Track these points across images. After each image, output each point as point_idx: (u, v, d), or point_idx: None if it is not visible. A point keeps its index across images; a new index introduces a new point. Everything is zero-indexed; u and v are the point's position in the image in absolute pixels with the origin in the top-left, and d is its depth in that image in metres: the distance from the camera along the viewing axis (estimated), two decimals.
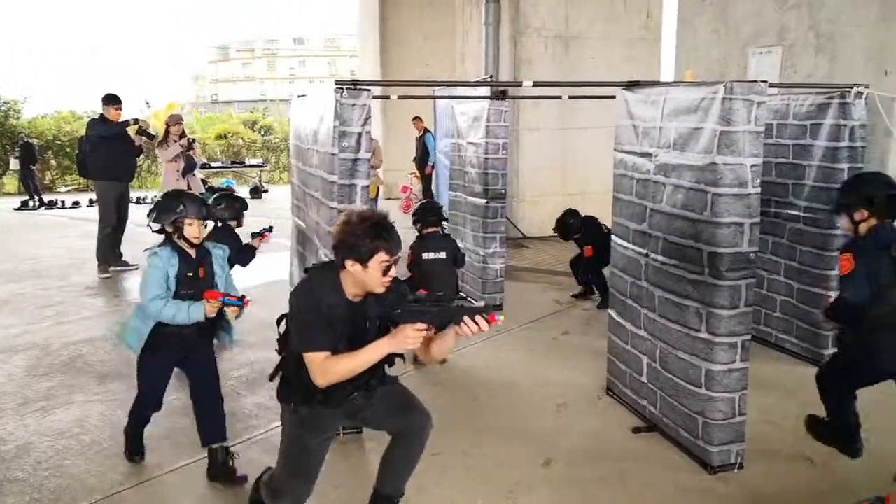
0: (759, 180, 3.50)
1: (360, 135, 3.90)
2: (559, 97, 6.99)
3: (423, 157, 12.59)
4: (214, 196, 5.92)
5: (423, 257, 5.51)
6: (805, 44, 5.45)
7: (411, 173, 13.38)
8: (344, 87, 3.85)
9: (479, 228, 6.74)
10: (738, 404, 3.69)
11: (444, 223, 5.80)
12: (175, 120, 9.04)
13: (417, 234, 5.68)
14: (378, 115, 13.41)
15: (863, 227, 3.52)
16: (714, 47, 6.31)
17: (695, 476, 3.73)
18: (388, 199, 14.29)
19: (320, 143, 4.25)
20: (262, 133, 24.50)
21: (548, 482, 3.71)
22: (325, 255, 4.32)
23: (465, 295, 6.88)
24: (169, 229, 3.65)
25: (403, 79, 10.93)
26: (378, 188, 9.41)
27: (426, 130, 12.33)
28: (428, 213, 5.67)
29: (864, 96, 4.81)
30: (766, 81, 3.44)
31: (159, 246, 3.67)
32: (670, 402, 3.99)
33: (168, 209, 3.64)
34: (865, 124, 4.87)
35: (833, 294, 5.05)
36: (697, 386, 3.74)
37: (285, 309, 2.88)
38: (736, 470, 3.73)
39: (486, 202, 6.55)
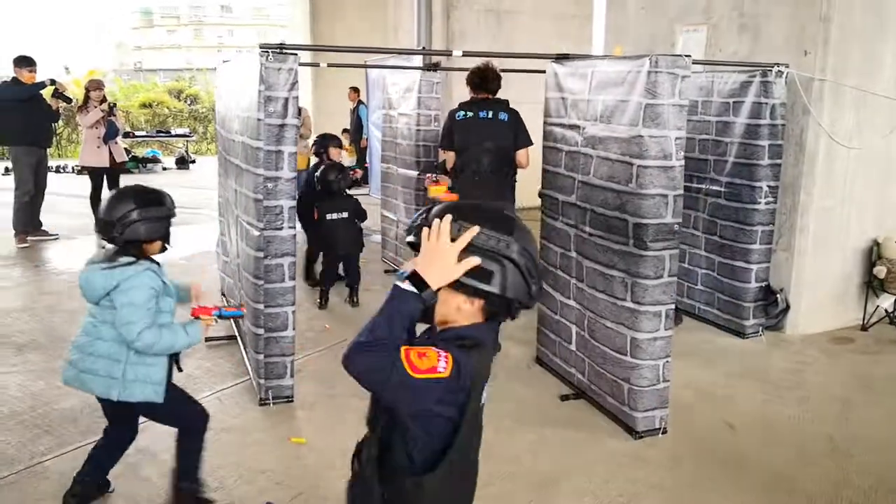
0: (682, 153, 3.58)
1: (286, 100, 3.80)
2: None
3: (357, 129, 12.42)
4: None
5: (327, 217, 5.90)
6: (729, 23, 5.58)
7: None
8: (269, 50, 3.73)
9: (412, 201, 6.71)
10: (662, 371, 3.81)
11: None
12: (95, 85, 8.64)
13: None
14: (309, 85, 13.12)
15: None
16: (642, 25, 6.40)
17: (620, 441, 3.84)
18: None
19: (244, 109, 4.12)
20: (189, 102, 23.70)
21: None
22: (244, 222, 4.22)
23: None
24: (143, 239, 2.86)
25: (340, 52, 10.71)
26: (309, 159, 9.22)
27: (360, 102, 12.14)
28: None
29: (784, 75, 4.97)
30: (689, 56, 3.51)
31: (129, 260, 2.82)
32: (597, 370, 4.09)
33: (163, 217, 2.92)
34: (785, 102, 5.05)
35: (754, 267, 5.26)
36: (623, 354, 3.83)
37: (211, 282, 2.70)
38: (660, 435, 3.85)
39: (418, 174, 6.52)
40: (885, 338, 5.43)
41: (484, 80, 5.04)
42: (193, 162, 17.11)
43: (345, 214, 5.94)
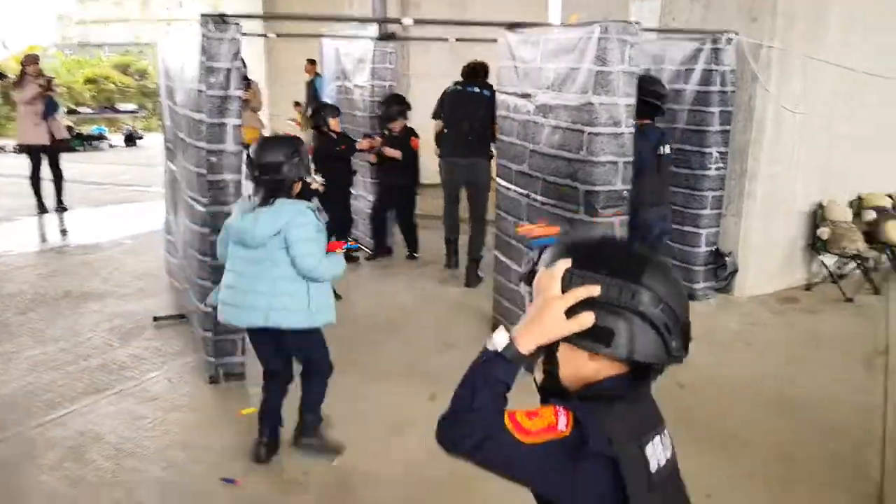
0: (632, 120, 3.59)
1: (228, 71, 3.69)
2: (446, 39, 6.90)
3: (314, 102, 12.16)
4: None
5: None
6: None
7: (291, 119, 12.92)
8: (210, 19, 3.61)
9: (368, 173, 6.63)
10: None
11: None
12: (31, 60, 8.33)
13: None
14: (262, 57, 12.80)
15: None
16: None
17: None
18: None
19: (187, 80, 4.00)
20: (137, 78, 22.99)
21: (432, 416, 3.75)
22: (188, 198, 4.11)
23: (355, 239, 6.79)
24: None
25: (289, 23, 10.40)
26: (260, 133, 9.04)
27: (317, 74, 11.89)
28: None
29: (733, 42, 5.01)
30: (638, 23, 3.52)
31: (292, 201, 3.10)
32: None
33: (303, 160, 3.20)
34: (735, 69, 5.10)
35: (704, 232, 5.35)
36: None
37: (158, 261, 2.65)
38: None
39: (364, 136, 6.41)
40: (828, 297, 5.59)
41: (474, 71, 5.89)
42: (141, 139, 16.65)
43: None
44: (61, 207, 8.54)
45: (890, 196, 6.20)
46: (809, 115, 5.39)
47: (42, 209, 8.43)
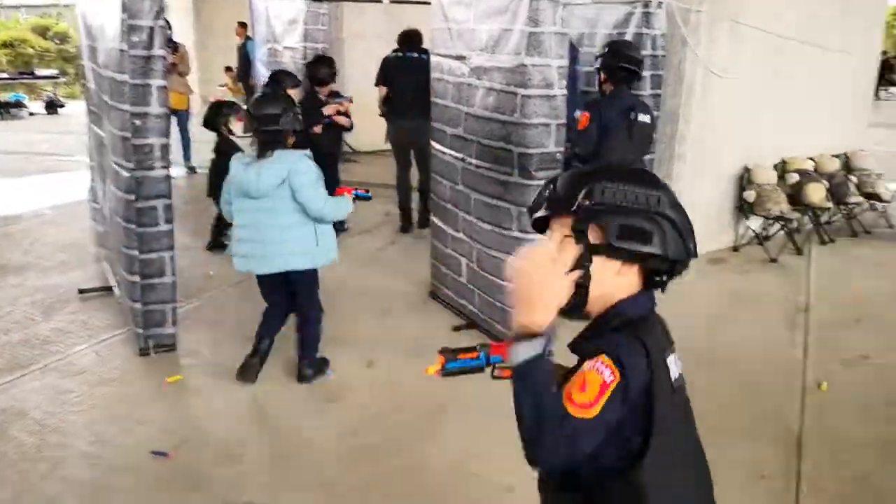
0: (564, 81, 3.60)
1: (152, 29, 3.53)
2: (381, 1, 6.78)
3: (245, 67, 11.81)
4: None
5: None
6: None
7: (222, 85, 12.52)
8: None
9: None
10: None
11: None
12: None
13: None
14: (190, 20, 12.34)
15: (606, 89, 4.34)
16: None
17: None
18: None
19: (109, 40, 3.81)
20: (57, 41, 21.84)
21: (369, 382, 3.77)
22: (114, 163, 3.95)
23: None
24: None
25: None
26: (188, 99, 8.73)
27: (248, 38, 11.52)
28: None
29: (663, 6, 5.06)
30: None
31: (290, 151, 3.41)
32: (487, 300, 4.15)
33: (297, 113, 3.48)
34: (665, 34, 5.15)
35: None
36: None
37: (83, 232, 2.55)
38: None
39: None
40: (754, 257, 5.80)
41: (409, 38, 6.16)
42: (63, 106, 15.86)
43: None
44: None
45: (812, 159, 6.44)
46: (737, 80, 5.52)
47: None
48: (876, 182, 6.67)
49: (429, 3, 4.64)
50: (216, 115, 5.43)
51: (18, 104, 15.09)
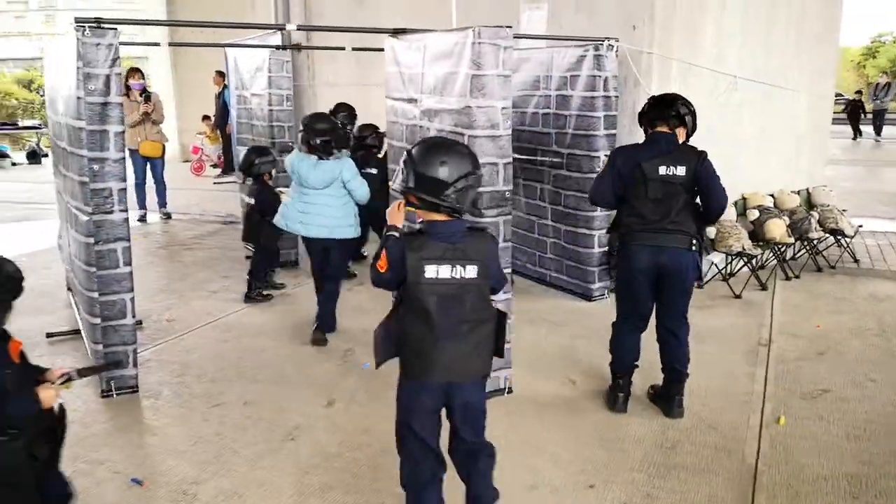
0: (509, 122, 3.72)
1: (108, 77, 3.63)
2: (343, 48, 6.95)
3: (223, 114, 11.99)
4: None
5: None
6: (567, 1, 5.83)
7: (201, 133, 12.68)
8: (86, 25, 3.56)
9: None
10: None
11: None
12: None
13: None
14: (168, 69, 12.55)
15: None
16: (493, 3, 6.55)
17: None
18: (186, 161, 13.49)
19: (67, 87, 3.91)
20: (41, 93, 22.08)
21: (328, 420, 3.79)
22: (73, 207, 4.02)
23: None
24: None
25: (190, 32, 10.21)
26: (163, 146, 8.84)
27: (225, 86, 11.72)
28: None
29: (614, 49, 5.25)
30: (510, 27, 3.64)
31: (338, 154, 4.78)
32: None
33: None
34: (617, 75, 5.33)
35: (596, 233, 5.55)
36: None
37: (56, 277, 2.63)
38: (506, 394, 4.01)
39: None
40: (718, 293, 5.87)
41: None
42: (46, 156, 15.94)
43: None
44: None
45: (771, 195, 6.59)
46: None
47: None
48: (839, 217, 6.77)
49: None
50: (252, 164, 5.56)
51: (1, 154, 15.20)
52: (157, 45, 7.01)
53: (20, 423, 2.33)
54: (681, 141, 3.69)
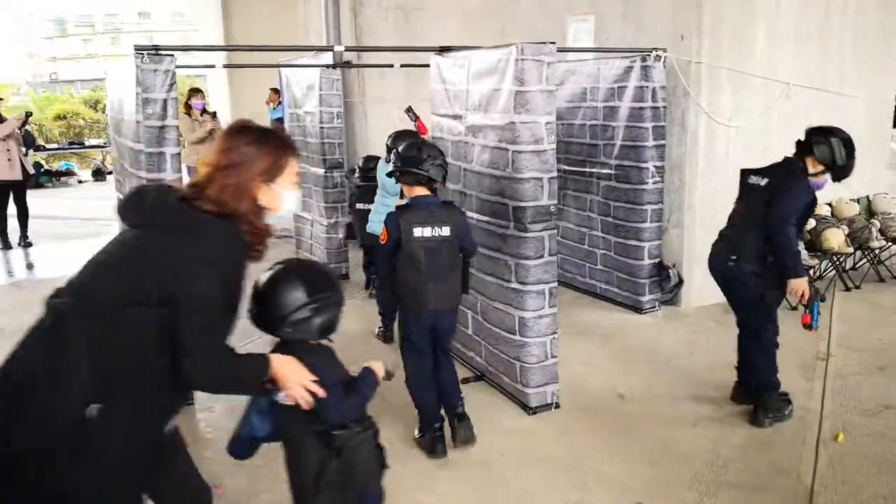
0: (553, 137, 3.73)
1: (165, 101, 3.80)
2: (391, 66, 7.06)
3: None
4: None
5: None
6: (613, 11, 5.80)
7: None
8: (144, 52, 3.73)
9: (322, 198, 6.73)
10: (550, 348, 3.95)
11: None
12: None
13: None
14: (226, 89, 12.94)
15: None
16: (538, 18, 6.57)
17: (516, 418, 3.97)
18: None
19: (126, 112, 4.10)
20: (106, 112, 22.98)
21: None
22: None
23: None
24: None
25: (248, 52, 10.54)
26: None
27: (280, 103, 12.01)
28: None
29: (662, 59, 5.20)
30: (553, 42, 3.65)
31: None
32: (493, 351, 4.21)
33: None
34: (665, 86, 5.28)
35: (647, 245, 5.48)
36: (513, 333, 3.96)
37: None
38: (553, 409, 4.00)
39: (325, 171, 6.55)
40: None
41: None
42: (110, 173, 16.62)
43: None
44: (26, 243, 8.65)
45: (829, 204, 6.39)
46: (743, 127, 5.58)
47: (6, 245, 8.50)
48: None
49: None
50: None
51: (68, 172, 15.91)
52: (212, 66, 7.26)
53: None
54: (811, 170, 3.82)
